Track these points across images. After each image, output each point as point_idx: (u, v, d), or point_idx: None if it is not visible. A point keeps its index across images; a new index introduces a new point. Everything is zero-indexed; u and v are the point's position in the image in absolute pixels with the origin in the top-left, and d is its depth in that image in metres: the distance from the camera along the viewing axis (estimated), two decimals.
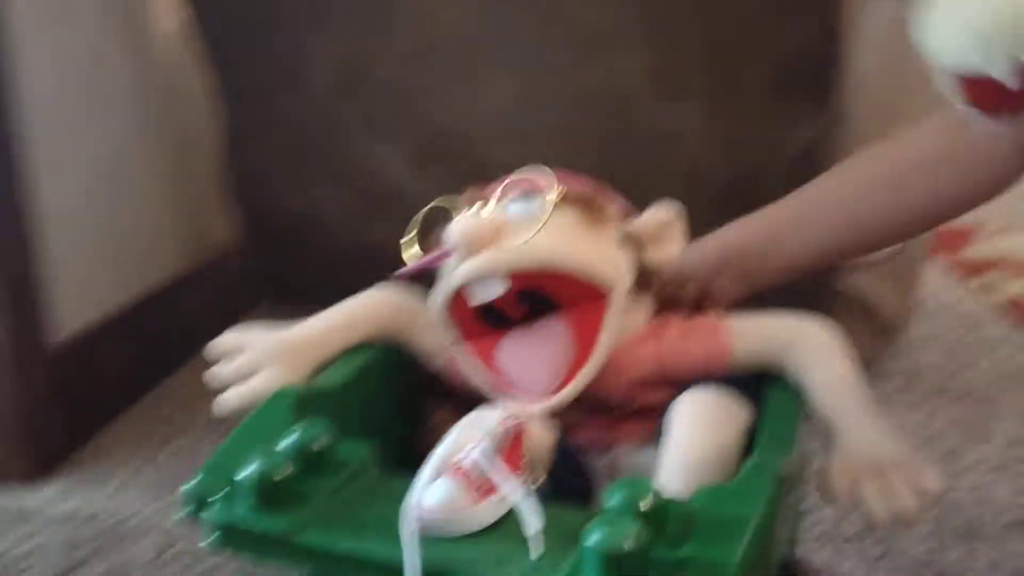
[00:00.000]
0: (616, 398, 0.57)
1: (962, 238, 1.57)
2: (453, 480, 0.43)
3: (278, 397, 0.54)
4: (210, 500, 0.45)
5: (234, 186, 1.14)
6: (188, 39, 1.12)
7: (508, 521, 0.43)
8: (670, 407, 0.53)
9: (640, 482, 0.41)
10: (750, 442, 0.50)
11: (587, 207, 0.56)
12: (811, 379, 0.55)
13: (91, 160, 1.05)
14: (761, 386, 0.55)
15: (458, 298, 0.55)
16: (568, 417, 0.54)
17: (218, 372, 0.57)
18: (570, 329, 0.55)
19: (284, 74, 1.03)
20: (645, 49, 0.89)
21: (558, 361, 0.55)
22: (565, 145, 0.94)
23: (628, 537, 0.37)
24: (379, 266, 1.04)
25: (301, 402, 0.53)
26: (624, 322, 0.56)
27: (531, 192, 0.56)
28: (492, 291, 0.54)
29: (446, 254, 0.55)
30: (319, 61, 1.01)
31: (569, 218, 0.56)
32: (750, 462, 0.46)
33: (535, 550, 0.40)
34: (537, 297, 0.54)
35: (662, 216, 0.59)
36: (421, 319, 0.61)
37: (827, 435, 0.53)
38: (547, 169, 0.57)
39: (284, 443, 0.46)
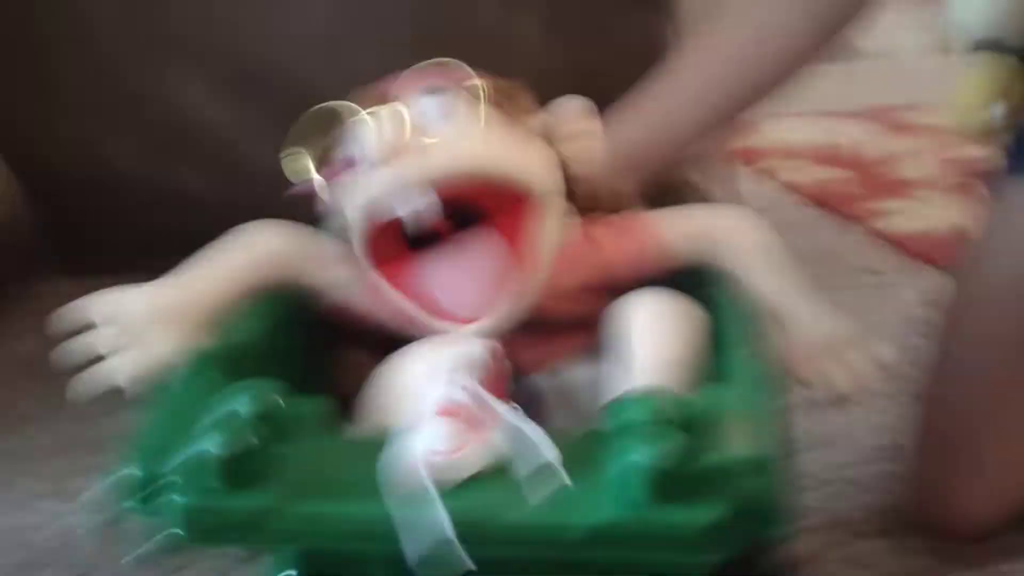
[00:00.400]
0: (553, 311, 0.54)
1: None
2: (448, 422, 0.39)
3: (197, 361, 0.47)
4: (157, 487, 0.38)
5: (8, 140, 0.98)
6: None
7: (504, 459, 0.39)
8: (617, 313, 0.51)
9: (655, 391, 0.40)
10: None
11: (504, 101, 0.52)
12: (750, 269, 0.54)
13: None
14: (692, 287, 0.54)
15: (371, 216, 0.50)
16: (499, 337, 0.51)
17: (86, 344, 0.48)
18: (502, 240, 0.51)
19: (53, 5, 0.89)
20: None
21: (492, 277, 0.51)
22: (399, 57, 0.89)
23: (674, 450, 0.36)
24: (188, 215, 0.96)
25: (222, 364, 0.47)
26: (557, 228, 0.53)
27: (438, 87, 0.50)
28: (417, 204, 0.48)
29: (353, 163, 0.49)
30: None
31: (491, 116, 0.51)
32: (732, 360, 0.45)
33: (561, 480, 0.37)
34: (462, 208, 0.50)
35: (576, 109, 0.56)
36: (311, 252, 0.55)
37: (774, 322, 0.53)
38: (451, 61, 0.52)
39: (236, 409, 0.40)
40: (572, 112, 0.56)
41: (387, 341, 0.54)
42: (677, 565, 0.37)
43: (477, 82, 0.51)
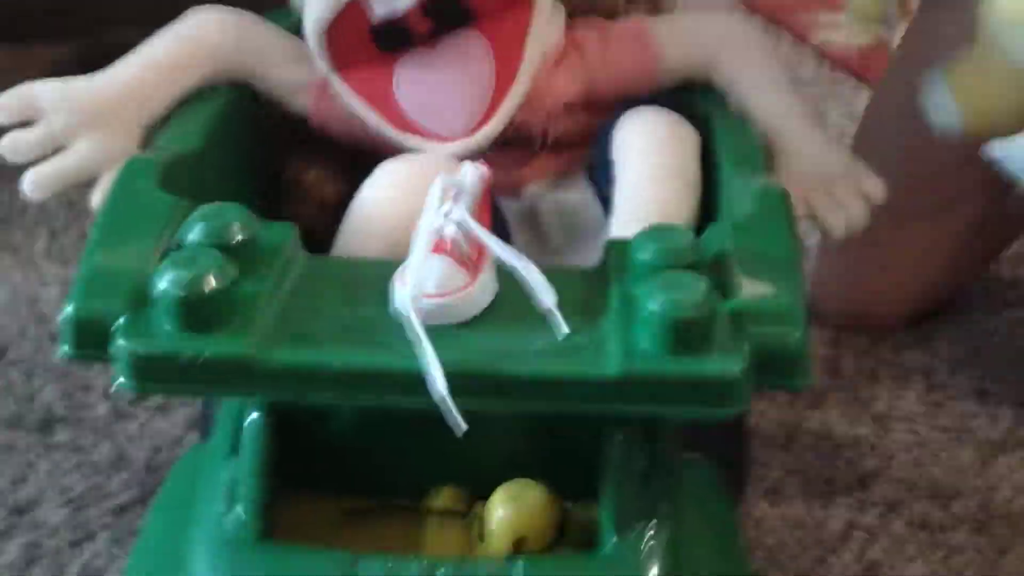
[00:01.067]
0: (533, 128, 0.49)
1: None
2: (440, 259, 0.35)
3: (135, 172, 0.41)
4: (111, 325, 0.33)
5: None
6: None
7: (499, 299, 0.36)
8: (610, 134, 0.47)
9: (667, 229, 0.37)
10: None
11: None
12: (748, 86, 0.50)
13: None
14: (682, 106, 0.49)
15: (346, 12, 0.45)
16: (470, 155, 0.46)
17: (16, 141, 0.44)
18: (489, 45, 0.46)
19: None
20: None
21: (477, 87, 0.46)
22: None
23: (697, 296, 0.32)
24: None
25: (165, 176, 0.41)
26: (547, 31, 0.48)
27: None
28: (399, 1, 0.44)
29: None
30: None
31: None
32: (741, 189, 0.41)
33: (560, 327, 0.33)
34: (446, 6, 0.45)
35: None
36: (271, 47, 0.50)
37: (770, 144, 0.49)
38: None
39: (194, 235, 0.36)
40: None
41: (345, 157, 0.50)
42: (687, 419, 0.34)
43: None
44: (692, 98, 0.50)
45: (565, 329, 0.33)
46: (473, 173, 0.37)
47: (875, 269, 0.66)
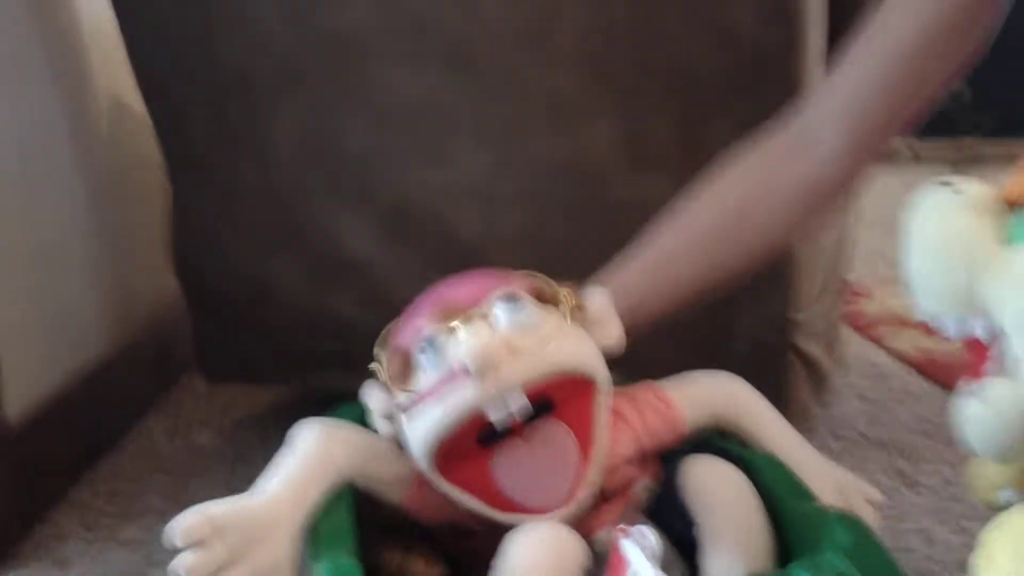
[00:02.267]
0: (603, 485, 0.58)
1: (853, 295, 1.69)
2: None
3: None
4: None
5: (181, 256, 1.09)
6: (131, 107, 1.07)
7: None
8: (685, 479, 0.57)
9: (824, 561, 0.44)
10: None
11: (556, 302, 0.57)
12: (757, 428, 0.63)
13: (29, 237, 1.00)
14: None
15: (458, 424, 0.52)
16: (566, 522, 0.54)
17: (192, 564, 0.49)
18: (568, 427, 0.55)
19: (243, 141, 0.99)
20: (616, 120, 0.92)
21: (566, 465, 0.54)
22: (534, 215, 0.96)
23: None
24: (333, 338, 1.02)
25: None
26: (606, 407, 0.57)
27: (512, 294, 0.55)
28: (513, 406, 0.52)
29: (460, 375, 0.52)
30: (282, 128, 0.97)
31: (553, 316, 0.56)
32: (802, 511, 0.52)
33: None
34: (538, 403, 0.53)
35: (601, 299, 0.61)
36: (372, 450, 0.58)
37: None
38: (507, 272, 0.58)
39: None
40: (598, 301, 0.61)
41: (427, 538, 0.59)
42: None
43: (541, 284, 0.57)
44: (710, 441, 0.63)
45: None
46: (653, 533, 0.46)
47: None
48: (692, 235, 0.69)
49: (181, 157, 1.04)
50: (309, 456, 0.56)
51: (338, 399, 0.66)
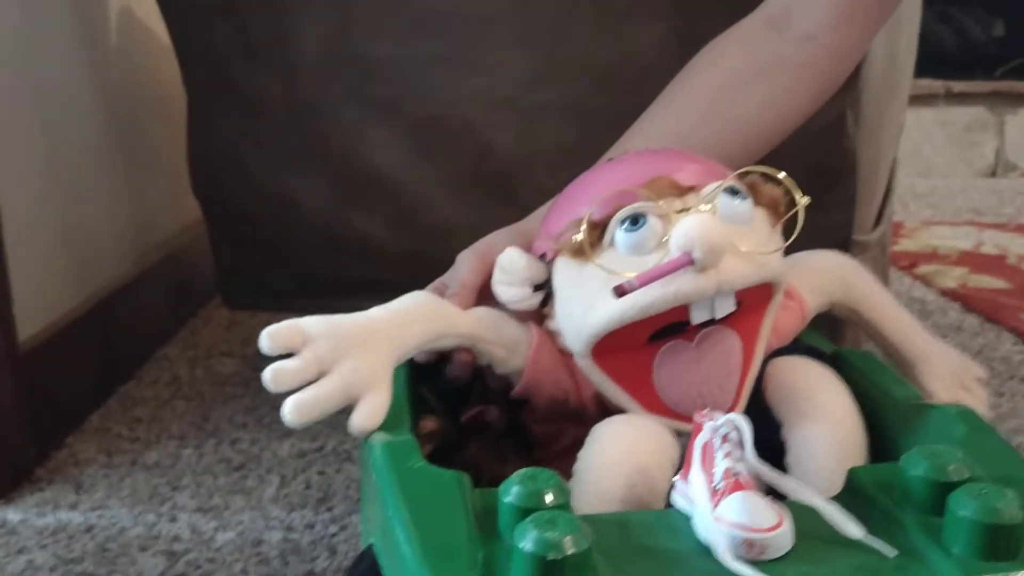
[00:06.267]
0: None
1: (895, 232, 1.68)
2: (750, 496, 0.39)
3: (402, 453, 0.44)
4: None
5: (201, 170, 1.03)
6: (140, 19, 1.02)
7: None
8: (767, 381, 0.52)
9: (936, 448, 0.41)
10: None
11: (772, 206, 0.51)
12: (875, 314, 0.59)
13: (43, 156, 0.96)
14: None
15: (647, 314, 0.47)
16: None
17: (279, 372, 0.46)
18: (740, 336, 0.51)
19: (265, 50, 0.92)
20: (667, 19, 0.85)
21: (731, 377, 0.50)
22: (577, 128, 0.90)
23: (1008, 504, 0.36)
24: (359, 261, 0.98)
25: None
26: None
27: (738, 189, 0.49)
28: (719, 307, 0.48)
29: (676, 262, 0.46)
30: (306, 35, 0.91)
31: (764, 217, 0.51)
32: (909, 406, 0.48)
33: (887, 551, 0.37)
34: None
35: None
36: (496, 317, 0.54)
37: (902, 354, 0.59)
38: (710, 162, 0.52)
39: (511, 499, 0.38)
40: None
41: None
42: None
43: (761, 186, 0.51)
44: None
45: (892, 552, 0.37)
46: (742, 419, 0.41)
47: None
48: (673, 134, 0.63)
49: (199, 69, 0.98)
50: (423, 303, 0.52)
51: None
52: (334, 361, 0.47)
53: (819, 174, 0.81)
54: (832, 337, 0.62)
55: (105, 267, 1.08)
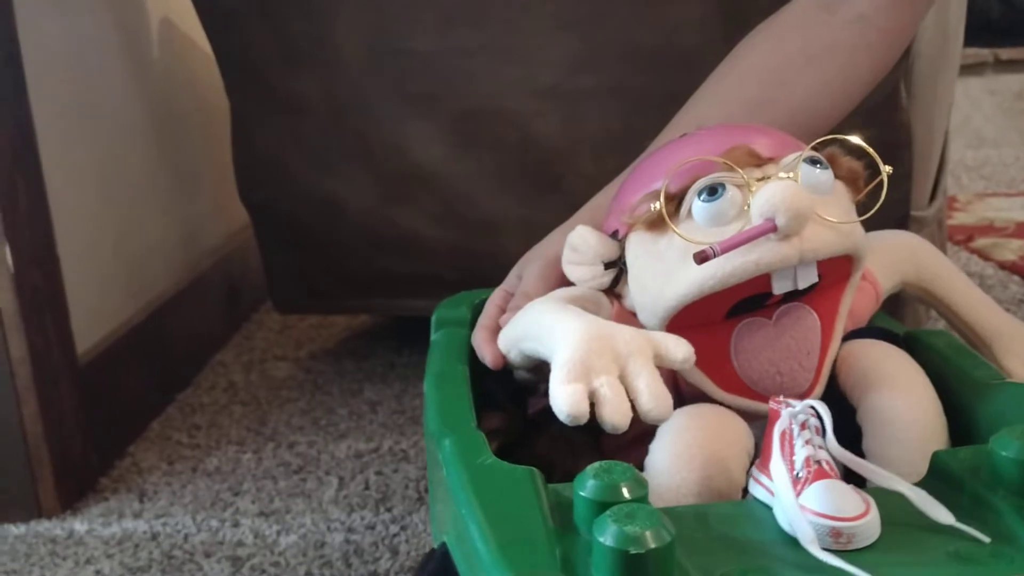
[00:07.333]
0: None
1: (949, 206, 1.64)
2: (835, 484, 0.37)
3: (473, 449, 0.44)
4: None
5: (247, 176, 1.03)
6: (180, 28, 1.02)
7: None
8: (840, 365, 0.50)
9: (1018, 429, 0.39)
10: None
11: (851, 179, 0.50)
12: (949, 293, 0.57)
13: (95, 172, 0.97)
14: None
15: (726, 285, 0.45)
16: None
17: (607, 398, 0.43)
18: (816, 315, 0.49)
19: (304, 50, 0.92)
20: None
21: (809, 357, 0.49)
22: (622, 113, 0.88)
23: None
24: (404, 258, 0.97)
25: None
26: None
27: (819, 159, 0.48)
28: (802, 278, 0.46)
29: (769, 228, 0.44)
30: (343, 33, 0.91)
31: (846, 193, 0.49)
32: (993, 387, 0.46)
33: (979, 537, 0.36)
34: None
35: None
36: (581, 294, 0.52)
37: (977, 333, 0.56)
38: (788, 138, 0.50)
39: (587, 493, 0.37)
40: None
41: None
42: None
43: (840, 158, 0.49)
44: None
45: (985, 537, 0.35)
46: (821, 405, 0.40)
47: None
48: (724, 120, 0.60)
49: (241, 75, 0.98)
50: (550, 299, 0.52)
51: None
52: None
53: (875, 150, 0.78)
54: (893, 317, 0.60)
55: (157, 277, 1.08)
